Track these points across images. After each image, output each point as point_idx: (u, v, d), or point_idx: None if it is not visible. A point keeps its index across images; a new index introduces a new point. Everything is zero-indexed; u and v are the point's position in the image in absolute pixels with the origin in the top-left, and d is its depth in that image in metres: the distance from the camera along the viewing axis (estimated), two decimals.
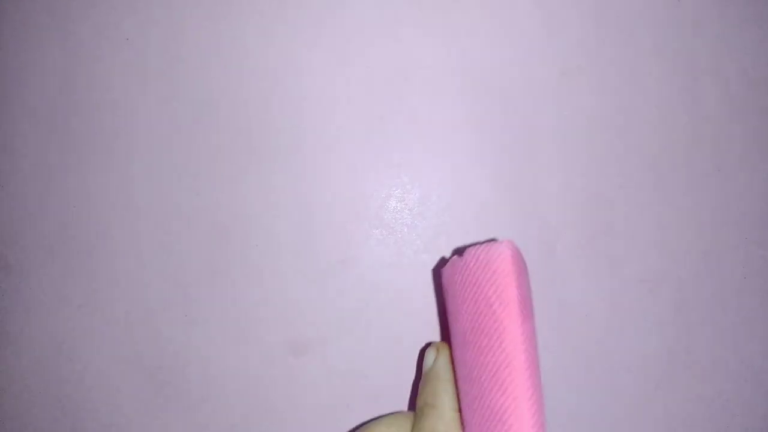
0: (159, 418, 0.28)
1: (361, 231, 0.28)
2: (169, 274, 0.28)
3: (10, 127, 0.29)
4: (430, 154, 0.28)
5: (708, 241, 0.28)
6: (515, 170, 0.28)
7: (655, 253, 0.28)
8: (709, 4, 0.29)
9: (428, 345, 0.24)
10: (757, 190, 0.29)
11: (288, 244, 0.28)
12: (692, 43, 0.29)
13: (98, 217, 0.29)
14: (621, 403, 0.28)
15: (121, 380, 0.28)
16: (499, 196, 0.28)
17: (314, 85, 0.28)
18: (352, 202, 0.28)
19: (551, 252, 0.28)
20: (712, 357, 0.28)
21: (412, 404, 0.28)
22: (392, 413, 0.24)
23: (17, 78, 0.29)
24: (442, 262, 0.28)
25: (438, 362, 0.23)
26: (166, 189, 0.29)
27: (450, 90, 0.28)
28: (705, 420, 0.28)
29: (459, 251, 0.22)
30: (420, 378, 0.24)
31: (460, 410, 0.21)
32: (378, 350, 0.28)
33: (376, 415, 0.28)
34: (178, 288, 0.28)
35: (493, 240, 0.24)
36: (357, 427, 0.23)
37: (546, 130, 0.28)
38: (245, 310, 0.28)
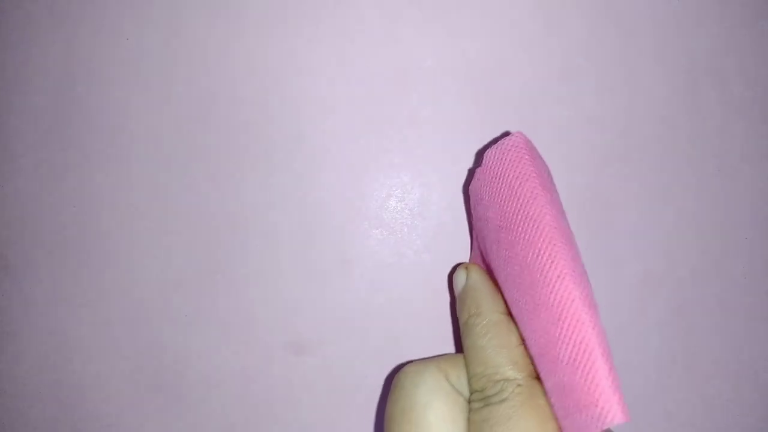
0: (159, 418, 0.28)
1: (361, 231, 0.28)
2: (169, 274, 0.28)
3: (10, 127, 0.29)
4: (430, 154, 0.28)
5: (708, 241, 0.28)
6: None
7: (655, 253, 0.28)
8: (709, 4, 0.29)
9: (456, 267, 0.23)
10: (757, 190, 0.29)
11: (288, 244, 0.28)
12: (692, 43, 0.29)
13: (98, 217, 0.29)
14: None
15: (121, 380, 0.28)
16: None
17: (314, 85, 0.28)
18: (352, 202, 0.28)
19: None
20: (712, 357, 0.28)
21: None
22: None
23: (17, 78, 0.29)
24: (467, 180, 0.28)
25: (471, 277, 0.22)
26: (166, 189, 0.29)
27: (450, 90, 0.28)
28: (705, 420, 0.28)
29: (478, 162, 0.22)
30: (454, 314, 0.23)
31: (509, 313, 0.20)
32: (378, 350, 0.28)
33: (376, 414, 0.28)
34: (178, 288, 0.28)
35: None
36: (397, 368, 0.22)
37: (546, 130, 0.28)
38: (245, 310, 0.28)
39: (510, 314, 0.20)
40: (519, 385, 0.18)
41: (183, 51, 0.29)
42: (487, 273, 0.23)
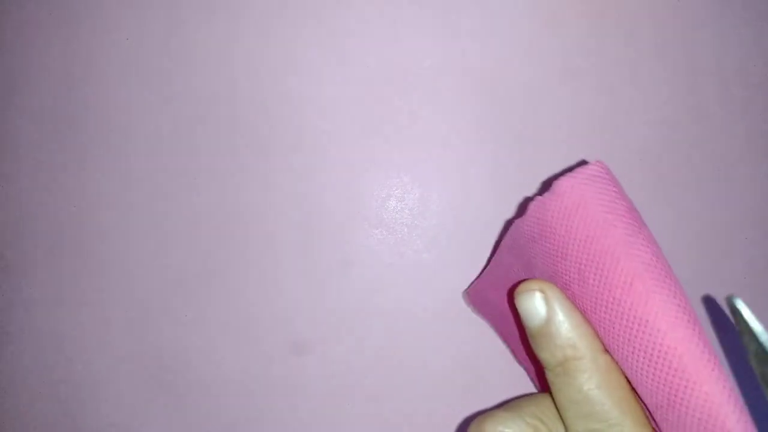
0: (159, 418, 0.28)
1: (361, 231, 0.28)
2: (169, 274, 0.28)
3: (10, 127, 0.29)
4: (430, 154, 0.28)
5: (708, 241, 0.28)
6: (515, 170, 0.28)
7: None
8: (709, 4, 0.29)
9: (519, 288, 0.18)
10: (757, 190, 0.29)
11: (288, 244, 0.28)
12: (692, 43, 0.29)
13: (98, 217, 0.29)
14: None
15: (121, 380, 0.28)
16: (499, 195, 0.28)
17: (314, 85, 0.28)
18: (352, 202, 0.28)
19: None
20: None
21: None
22: (509, 404, 0.19)
23: (17, 78, 0.29)
24: (511, 222, 0.27)
25: (556, 306, 0.18)
26: (166, 189, 0.29)
27: (450, 90, 0.28)
28: None
29: (532, 198, 0.20)
30: (523, 339, 0.20)
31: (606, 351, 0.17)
32: (378, 350, 0.28)
33: (376, 414, 0.28)
34: (178, 288, 0.28)
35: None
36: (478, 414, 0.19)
37: (546, 130, 0.28)
38: (245, 310, 0.28)
39: (606, 350, 0.17)
40: None
41: (183, 51, 0.29)
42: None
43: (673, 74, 0.29)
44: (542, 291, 0.18)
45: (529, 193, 0.28)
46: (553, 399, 0.18)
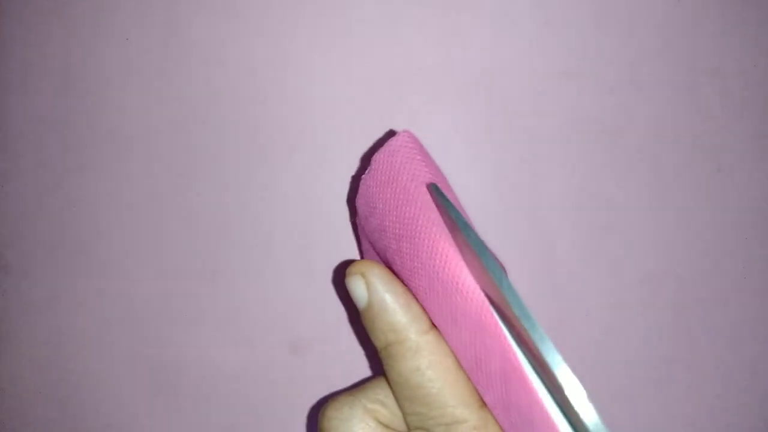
0: (159, 418, 0.28)
1: None
2: (169, 274, 0.28)
3: (10, 127, 0.29)
4: (430, 154, 0.28)
5: (708, 241, 0.28)
6: (515, 170, 0.28)
7: (655, 253, 0.28)
8: (709, 4, 0.29)
9: (347, 270, 0.18)
10: (757, 190, 0.29)
11: (288, 243, 0.28)
12: (692, 43, 0.29)
13: (98, 217, 0.29)
14: (621, 403, 0.28)
15: (121, 380, 0.28)
16: (499, 196, 0.28)
17: (314, 84, 0.28)
18: (352, 202, 0.28)
19: (551, 252, 0.28)
20: (712, 357, 0.28)
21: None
22: (356, 387, 0.19)
23: (17, 78, 0.29)
24: (352, 187, 0.27)
25: (374, 287, 0.17)
26: (166, 189, 0.29)
27: (450, 90, 0.28)
28: (705, 420, 0.28)
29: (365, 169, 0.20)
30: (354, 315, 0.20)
31: (433, 326, 0.17)
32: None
33: None
34: (178, 288, 0.28)
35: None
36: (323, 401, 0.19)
37: (546, 130, 0.28)
38: (245, 310, 0.28)
39: (434, 326, 0.17)
40: (474, 428, 0.15)
41: (183, 51, 0.29)
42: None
43: (673, 74, 0.29)
44: (363, 275, 0.17)
45: (529, 192, 0.28)
46: None
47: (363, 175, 0.19)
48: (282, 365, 0.28)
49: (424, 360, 0.16)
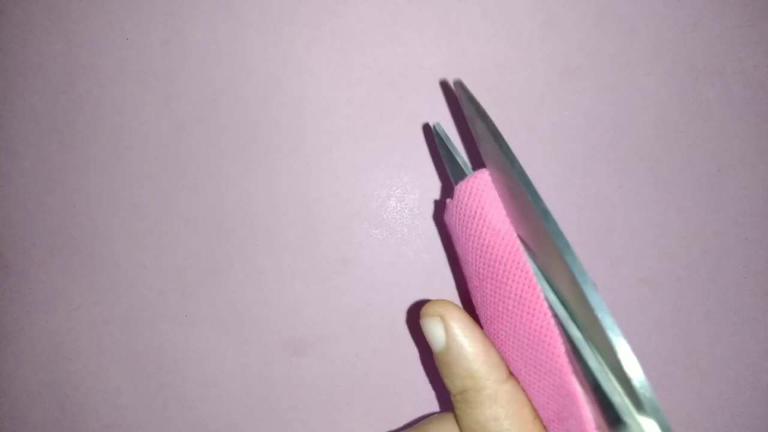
0: (159, 419, 0.28)
1: (361, 231, 0.28)
2: (169, 274, 0.28)
3: (10, 127, 0.29)
4: (431, 154, 0.28)
5: (708, 241, 0.28)
6: None
7: (655, 253, 0.28)
8: (709, 4, 0.29)
9: (423, 310, 0.18)
10: (757, 190, 0.29)
11: (288, 243, 0.28)
12: (692, 43, 0.29)
13: (98, 217, 0.29)
14: None
15: (121, 380, 0.28)
16: None
17: (314, 84, 0.28)
18: (352, 202, 0.28)
19: None
20: (712, 357, 0.28)
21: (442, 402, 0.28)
22: (428, 418, 0.19)
23: (17, 78, 0.29)
24: (439, 206, 0.27)
25: (453, 332, 0.17)
26: (166, 189, 0.29)
27: (450, 90, 0.28)
28: (705, 420, 0.28)
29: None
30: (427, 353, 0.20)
31: (511, 374, 0.17)
32: (378, 350, 0.28)
33: (376, 414, 0.28)
34: (177, 288, 0.28)
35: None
36: None
37: (546, 130, 0.28)
38: (245, 310, 0.28)
39: (512, 374, 0.17)
40: None
41: (183, 51, 0.29)
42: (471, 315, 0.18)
43: (673, 74, 0.29)
44: (442, 317, 0.17)
45: None
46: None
47: (449, 200, 0.19)
48: (282, 365, 0.28)
49: (502, 410, 0.16)
